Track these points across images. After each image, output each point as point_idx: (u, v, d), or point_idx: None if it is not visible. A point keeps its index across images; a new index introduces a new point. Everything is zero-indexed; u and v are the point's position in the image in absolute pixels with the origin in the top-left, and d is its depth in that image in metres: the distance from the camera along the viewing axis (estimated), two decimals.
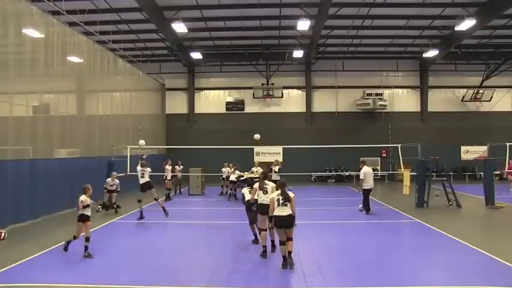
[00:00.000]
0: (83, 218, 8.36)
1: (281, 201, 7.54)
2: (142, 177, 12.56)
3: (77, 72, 16.97)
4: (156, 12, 19.07)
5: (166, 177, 18.01)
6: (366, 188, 13.60)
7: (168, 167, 18.20)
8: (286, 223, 7.52)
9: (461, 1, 18.57)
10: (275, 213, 7.58)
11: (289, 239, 7.59)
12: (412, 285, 6.75)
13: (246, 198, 9.22)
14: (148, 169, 12.76)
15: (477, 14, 18.79)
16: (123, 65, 20.76)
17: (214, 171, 19.23)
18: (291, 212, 7.55)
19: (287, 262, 7.46)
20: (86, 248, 8.33)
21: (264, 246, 8.33)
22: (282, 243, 7.60)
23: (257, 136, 15.69)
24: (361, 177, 13.63)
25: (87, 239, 8.36)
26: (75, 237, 8.44)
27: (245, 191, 9.63)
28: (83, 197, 8.46)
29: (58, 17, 14.78)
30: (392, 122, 26.73)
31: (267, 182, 8.75)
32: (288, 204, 7.55)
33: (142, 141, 17.32)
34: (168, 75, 27.29)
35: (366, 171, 13.69)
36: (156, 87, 26.35)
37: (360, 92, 26.83)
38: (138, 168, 12.76)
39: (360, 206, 13.93)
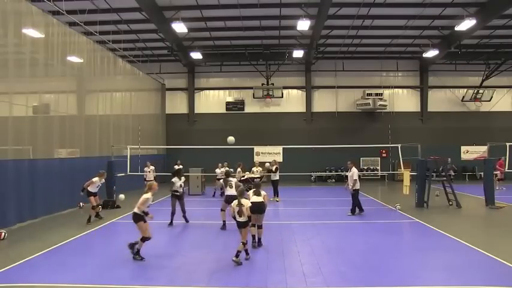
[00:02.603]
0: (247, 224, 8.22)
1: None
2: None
3: (77, 72, 17.00)
4: (156, 12, 19.08)
5: (145, 178, 17.83)
6: (357, 188, 13.57)
7: (147, 168, 18.04)
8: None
9: (461, 1, 18.56)
10: (253, 200, 8.79)
11: (259, 226, 9.20)
12: (412, 285, 6.75)
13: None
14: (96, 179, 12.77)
15: (477, 14, 18.81)
16: (123, 65, 20.78)
17: (214, 171, 19.26)
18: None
19: (255, 241, 9.18)
20: (246, 251, 8.11)
21: (224, 221, 11.26)
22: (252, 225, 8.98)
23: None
24: (355, 177, 13.37)
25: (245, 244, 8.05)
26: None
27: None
28: (245, 201, 8.26)
29: (58, 17, 14.78)
30: (392, 122, 26.72)
31: (230, 178, 11.51)
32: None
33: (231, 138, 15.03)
34: (168, 75, 27.31)
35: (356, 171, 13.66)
36: (156, 87, 26.36)
37: (360, 92, 26.85)
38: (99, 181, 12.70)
39: (349, 212, 13.60)
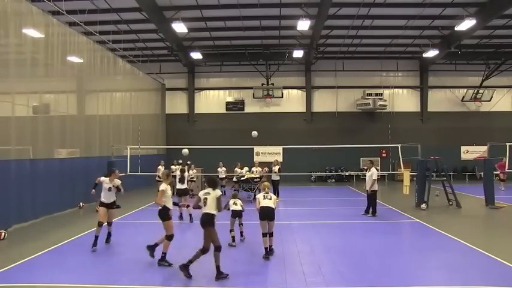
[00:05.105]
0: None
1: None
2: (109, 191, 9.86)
3: (77, 72, 16.97)
4: (156, 12, 19.07)
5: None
6: (376, 189, 13.20)
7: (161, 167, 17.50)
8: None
9: (461, 1, 18.55)
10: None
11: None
12: (412, 285, 6.75)
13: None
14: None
15: (477, 14, 18.80)
16: (123, 65, 20.76)
17: (214, 171, 19.24)
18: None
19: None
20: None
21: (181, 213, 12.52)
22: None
23: (255, 133, 15.70)
24: (374, 177, 13.05)
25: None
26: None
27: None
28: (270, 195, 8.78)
29: (58, 17, 14.77)
30: (392, 122, 26.70)
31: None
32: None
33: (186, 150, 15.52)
34: (168, 75, 27.29)
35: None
36: (156, 87, 26.34)
37: (360, 92, 26.84)
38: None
39: (364, 212, 13.40)
